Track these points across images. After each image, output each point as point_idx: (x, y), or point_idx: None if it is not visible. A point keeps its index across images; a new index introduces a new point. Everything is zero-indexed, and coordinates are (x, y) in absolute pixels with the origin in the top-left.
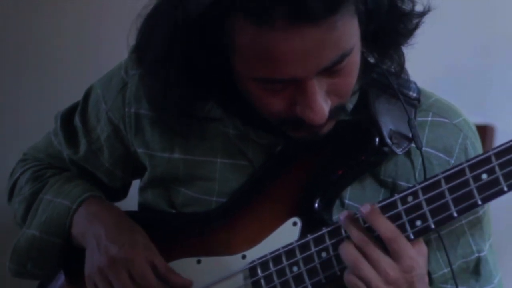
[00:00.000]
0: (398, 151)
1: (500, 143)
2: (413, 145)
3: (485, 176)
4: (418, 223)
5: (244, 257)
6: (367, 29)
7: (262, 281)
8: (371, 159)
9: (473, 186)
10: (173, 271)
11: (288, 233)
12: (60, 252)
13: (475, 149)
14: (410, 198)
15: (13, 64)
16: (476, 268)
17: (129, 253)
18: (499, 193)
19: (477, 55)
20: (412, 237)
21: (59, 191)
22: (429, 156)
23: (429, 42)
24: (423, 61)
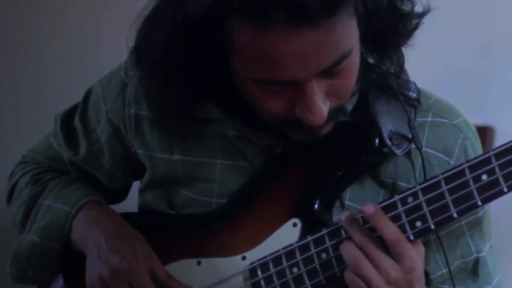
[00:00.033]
0: (398, 152)
1: (500, 143)
2: (413, 145)
3: (485, 177)
4: (418, 224)
5: (244, 258)
6: (366, 30)
7: (262, 282)
8: (371, 160)
9: (473, 187)
10: (173, 278)
11: (288, 234)
12: (59, 257)
13: (475, 149)
14: (410, 199)
15: (13, 64)
16: (474, 268)
17: (129, 265)
18: (499, 194)
19: (477, 56)
20: (412, 238)
21: (58, 196)
22: (429, 156)
23: (429, 42)
24: (423, 61)
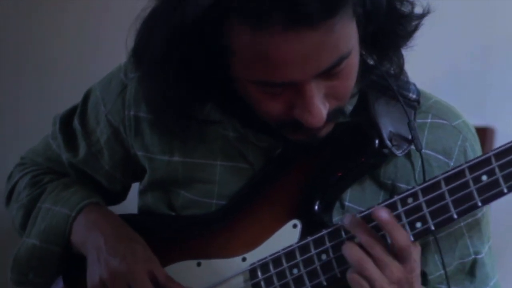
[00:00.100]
0: (398, 152)
1: (500, 144)
2: (413, 147)
3: (485, 177)
4: (418, 225)
5: (244, 259)
6: (365, 31)
7: (262, 283)
8: (370, 161)
9: (473, 187)
10: (173, 280)
11: (288, 235)
12: (60, 260)
13: (474, 151)
14: (410, 199)
15: (13, 64)
16: (471, 269)
17: (129, 267)
18: (499, 195)
19: (476, 57)
20: (412, 239)
21: (57, 198)
22: (429, 158)
23: (429, 43)
24: (423, 62)
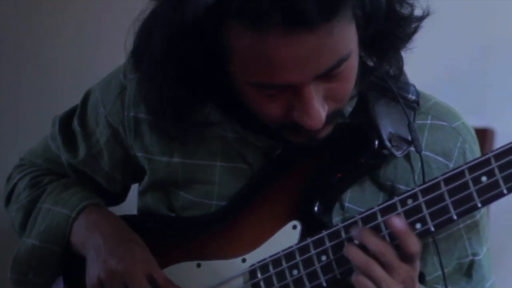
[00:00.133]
0: (397, 154)
1: (500, 145)
2: (412, 148)
3: (484, 178)
4: (418, 226)
5: (244, 260)
6: (365, 33)
7: (262, 284)
8: (370, 162)
9: (472, 188)
10: (171, 282)
11: (288, 236)
12: (60, 260)
13: (473, 153)
14: (409, 200)
15: (13, 64)
16: (468, 270)
17: (127, 267)
18: (499, 196)
19: (476, 57)
20: None
21: (57, 199)
22: (428, 159)
23: (429, 44)
24: (423, 63)
